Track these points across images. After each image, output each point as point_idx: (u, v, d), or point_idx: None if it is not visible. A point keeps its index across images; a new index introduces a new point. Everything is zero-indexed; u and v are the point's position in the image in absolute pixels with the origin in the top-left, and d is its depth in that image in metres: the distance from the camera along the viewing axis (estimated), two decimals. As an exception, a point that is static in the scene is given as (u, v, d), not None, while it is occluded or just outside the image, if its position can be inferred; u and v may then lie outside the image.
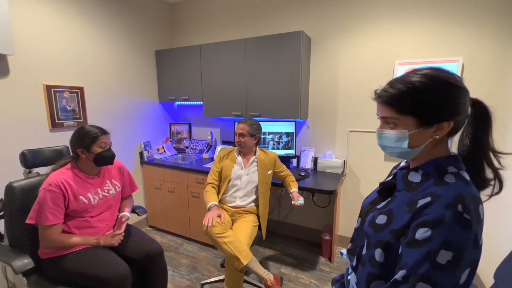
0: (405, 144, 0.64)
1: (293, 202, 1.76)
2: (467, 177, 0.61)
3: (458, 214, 0.52)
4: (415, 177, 0.66)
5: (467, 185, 0.59)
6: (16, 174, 1.60)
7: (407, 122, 0.62)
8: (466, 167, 0.64)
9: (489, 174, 0.63)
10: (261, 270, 1.54)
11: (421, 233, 0.54)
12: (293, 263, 2.25)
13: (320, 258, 2.32)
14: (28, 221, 1.25)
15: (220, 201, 1.87)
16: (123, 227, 1.51)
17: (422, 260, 0.52)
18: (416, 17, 1.95)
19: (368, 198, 0.82)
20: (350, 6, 2.15)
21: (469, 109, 0.63)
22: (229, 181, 1.86)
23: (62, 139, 2.00)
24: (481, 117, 0.62)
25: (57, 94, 1.98)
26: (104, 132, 1.43)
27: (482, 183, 0.63)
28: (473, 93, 0.61)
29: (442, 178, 0.60)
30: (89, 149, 1.37)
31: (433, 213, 0.54)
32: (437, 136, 0.62)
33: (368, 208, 0.76)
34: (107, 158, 1.42)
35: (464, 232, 0.52)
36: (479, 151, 0.63)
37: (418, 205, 0.58)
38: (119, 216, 1.56)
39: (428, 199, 0.57)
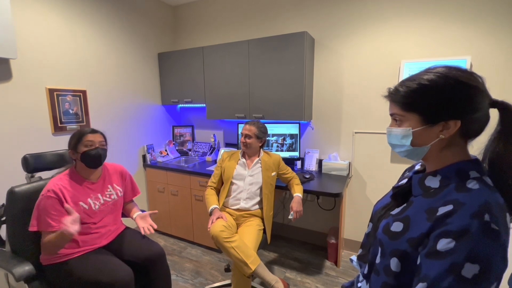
0: (408, 142, 0.62)
1: (290, 217, 1.71)
2: (490, 182, 0.57)
3: (485, 224, 0.48)
4: (433, 182, 0.61)
5: (493, 191, 0.54)
6: (18, 179, 1.58)
7: (412, 119, 0.61)
8: (492, 176, 0.58)
9: None
10: (269, 277, 1.51)
11: (444, 244, 0.50)
12: (298, 267, 2.21)
13: (326, 262, 2.27)
14: (31, 228, 1.23)
15: (223, 205, 1.85)
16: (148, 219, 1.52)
17: (446, 273, 0.49)
18: (421, 15, 1.91)
19: (380, 203, 0.78)
20: (354, 6, 2.12)
21: (489, 111, 0.58)
22: (231, 182, 1.83)
23: (65, 143, 1.96)
24: (506, 123, 0.58)
25: (60, 97, 1.97)
26: (92, 131, 1.38)
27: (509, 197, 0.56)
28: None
29: (464, 184, 0.56)
30: (76, 149, 1.34)
31: (457, 223, 0.50)
32: (442, 136, 0.59)
33: (380, 214, 0.72)
34: (92, 157, 1.34)
35: (492, 243, 0.48)
36: (504, 160, 0.57)
37: (438, 213, 0.54)
38: (136, 216, 1.53)
39: (450, 207, 0.53)
